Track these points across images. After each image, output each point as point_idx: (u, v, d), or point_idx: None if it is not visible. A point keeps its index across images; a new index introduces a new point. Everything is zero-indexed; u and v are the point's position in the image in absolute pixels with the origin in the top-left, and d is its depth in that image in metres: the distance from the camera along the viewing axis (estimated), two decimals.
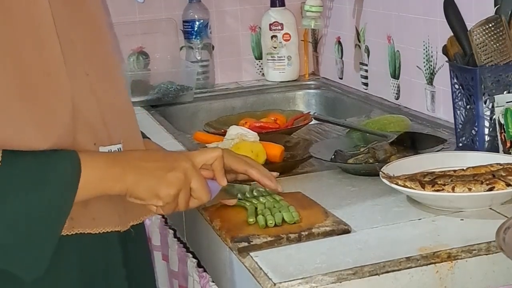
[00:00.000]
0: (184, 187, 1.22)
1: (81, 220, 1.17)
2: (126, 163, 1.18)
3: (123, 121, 1.26)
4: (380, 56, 2.36)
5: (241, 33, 2.82)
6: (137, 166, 1.19)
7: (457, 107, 1.70)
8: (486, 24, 1.62)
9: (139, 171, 1.18)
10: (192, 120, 2.53)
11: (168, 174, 1.20)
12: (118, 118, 1.24)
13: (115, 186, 1.16)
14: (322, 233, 1.30)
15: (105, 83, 1.23)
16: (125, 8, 2.69)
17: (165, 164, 1.21)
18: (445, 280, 1.22)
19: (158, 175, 1.19)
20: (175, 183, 1.20)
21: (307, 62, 2.82)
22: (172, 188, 1.20)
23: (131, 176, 1.17)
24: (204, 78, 2.72)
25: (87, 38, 1.20)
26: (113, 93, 1.24)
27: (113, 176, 1.16)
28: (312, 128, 2.11)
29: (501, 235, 1.13)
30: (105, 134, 1.20)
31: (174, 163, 1.22)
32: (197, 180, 1.23)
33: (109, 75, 1.25)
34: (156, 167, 1.20)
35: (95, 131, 1.18)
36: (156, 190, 1.19)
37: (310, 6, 2.54)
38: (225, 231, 1.35)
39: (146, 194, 1.19)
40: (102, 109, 1.20)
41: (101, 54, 1.24)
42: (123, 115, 1.27)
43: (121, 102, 1.27)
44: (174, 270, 1.72)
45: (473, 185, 1.37)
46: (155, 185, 1.19)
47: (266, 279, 1.18)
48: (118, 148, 1.22)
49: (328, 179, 1.62)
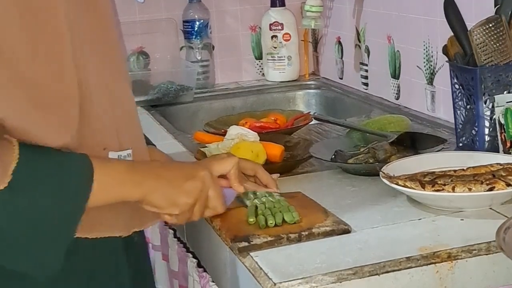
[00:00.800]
0: (201, 196, 1.22)
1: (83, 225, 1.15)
2: (146, 171, 1.19)
3: (133, 127, 1.27)
4: (380, 56, 2.36)
5: (241, 33, 2.82)
6: (156, 174, 1.19)
7: (457, 107, 1.70)
8: (486, 24, 1.62)
9: (157, 179, 1.19)
10: (192, 120, 2.53)
11: (186, 183, 1.21)
12: (129, 126, 1.25)
13: (134, 192, 1.16)
14: (322, 233, 1.30)
15: (121, 93, 1.24)
16: (125, 8, 2.69)
17: (184, 173, 1.22)
18: (445, 280, 1.22)
19: (177, 183, 1.20)
20: (193, 192, 1.21)
21: (307, 62, 2.82)
22: (190, 197, 1.21)
23: (150, 183, 1.17)
24: (204, 78, 2.73)
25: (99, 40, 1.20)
26: (126, 100, 1.25)
27: (132, 182, 1.16)
28: (312, 128, 2.11)
29: (501, 235, 1.13)
30: (115, 140, 1.20)
31: (192, 172, 1.23)
32: (214, 189, 1.24)
33: (124, 83, 1.26)
34: (174, 176, 1.21)
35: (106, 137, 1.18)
36: (174, 199, 1.19)
37: (310, 6, 2.54)
38: (225, 231, 1.35)
39: (164, 202, 1.19)
40: (116, 117, 1.20)
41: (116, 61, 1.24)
42: (133, 123, 1.27)
43: (131, 110, 1.28)
44: (174, 270, 1.72)
45: (473, 185, 1.37)
46: (173, 193, 1.19)
47: (266, 279, 1.18)
48: (128, 153, 1.22)
49: (328, 179, 1.62)
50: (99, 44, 1.20)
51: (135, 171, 1.17)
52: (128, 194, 1.16)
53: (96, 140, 1.16)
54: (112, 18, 1.25)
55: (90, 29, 1.18)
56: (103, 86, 1.18)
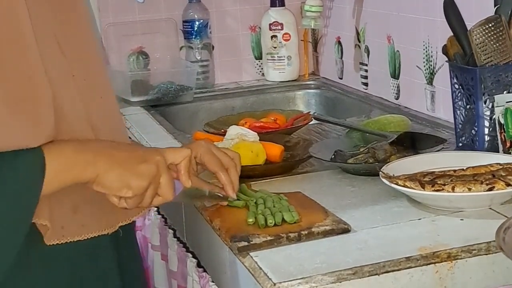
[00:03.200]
0: (154, 181, 1.18)
1: (71, 228, 1.15)
2: (97, 150, 1.14)
3: (110, 124, 1.24)
4: (380, 56, 2.36)
5: (241, 33, 2.82)
6: (108, 154, 1.15)
7: (457, 107, 1.70)
8: (486, 24, 1.62)
9: (110, 159, 1.14)
10: (192, 120, 2.53)
11: (140, 165, 1.16)
12: (105, 121, 1.22)
13: (85, 172, 1.12)
14: (321, 233, 1.30)
15: (92, 85, 1.20)
16: (125, 8, 2.69)
17: (138, 154, 1.18)
18: (445, 280, 1.22)
19: (131, 165, 1.15)
20: (147, 175, 1.16)
21: (307, 62, 2.82)
22: (144, 179, 1.16)
23: (102, 163, 1.13)
24: (204, 78, 2.72)
25: (73, 39, 1.18)
26: (99, 95, 1.23)
27: (82, 162, 1.12)
28: (312, 128, 2.11)
29: (501, 235, 1.12)
30: (91, 136, 1.18)
31: (146, 154, 1.19)
32: (166, 175, 1.19)
33: (96, 77, 1.23)
34: (128, 157, 1.16)
35: (81, 135, 1.16)
36: (127, 180, 1.15)
37: (310, 6, 2.54)
38: (225, 231, 1.35)
39: (117, 183, 1.15)
40: (89, 111, 1.18)
41: (87, 56, 1.22)
42: (110, 117, 1.25)
43: (108, 104, 1.25)
44: (173, 270, 1.72)
45: (473, 185, 1.37)
46: (127, 175, 1.15)
47: (266, 279, 1.18)
48: None
49: (328, 179, 1.62)
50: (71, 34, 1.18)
51: (85, 151, 1.13)
52: (79, 175, 1.12)
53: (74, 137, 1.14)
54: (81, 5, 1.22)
55: (59, 21, 1.16)
56: (67, 78, 1.15)
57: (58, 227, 1.14)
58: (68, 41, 1.17)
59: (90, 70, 1.22)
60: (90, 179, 1.13)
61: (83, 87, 1.18)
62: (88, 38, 1.23)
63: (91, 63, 1.23)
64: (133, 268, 1.32)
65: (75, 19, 1.20)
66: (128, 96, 2.51)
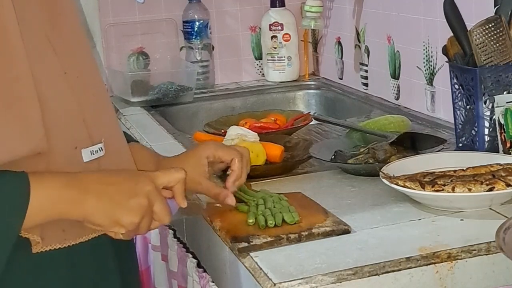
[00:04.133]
0: (147, 213, 1.15)
1: (72, 231, 1.15)
2: (84, 186, 1.11)
3: (103, 120, 1.23)
4: (380, 56, 2.36)
5: (241, 33, 2.82)
6: (95, 190, 1.11)
7: (457, 107, 1.70)
8: (486, 24, 1.62)
9: (98, 195, 1.11)
10: (192, 120, 2.53)
11: (130, 201, 1.13)
12: (98, 117, 1.21)
13: (72, 210, 1.10)
14: (322, 233, 1.30)
15: (84, 81, 1.20)
16: (125, 8, 2.69)
17: (127, 187, 1.14)
18: (445, 280, 1.22)
19: (120, 201, 1.12)
20: (138, 210, 1.13)
21: (307, 62, 2.82)
22: (135, 216, 1.13)
23: (90, 201, 1.10)
24: (204, 78, 2.72)
25: (64, 37, 1.18)
26: (92, 92, 1.22)
27: (68, 199, 1.09)
28: (312, 128, 2.11)
29: (501, 235, 1.13)
30: (85, 133, 1.17)
31: (136, 186, 1.14)
32: (160, 203, 1.16)
33: (88, 74, 1.22)
34: (116, 191, 1.12)
35: (75, 132, 1.15)
36: (117, 218, 1.12)
37: (310, 6, 2.54)
38: (225, 231, 1.35)
39: (107, 221, 1.12)
40: (82, 108, 1.17)
41: (79, 54, 1.22)
42: (103, 113, 1.24)
43: (100, 101, 1.24)
44: (173, 271, 1.72)
45: (473, 185, 1.37)
46: (117, 213, 1.12)
47: (266, 279, 1.18)
48: (100, 147, 1.18)
49: (328, 179, 1.62)
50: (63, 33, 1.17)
51: (72, 187, 1.10)
52: (66, 213, 1.10)
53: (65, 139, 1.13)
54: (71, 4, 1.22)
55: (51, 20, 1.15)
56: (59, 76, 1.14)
57: (59, 230, 1.14)
58: (59, 39, 1.16)
59: (82, 67, 1.21)
60: (78, 217, 1.11)
61: (75, 84, 1.17)
62: (79, 36, 1.23)
63: (83, 61, 1.22)
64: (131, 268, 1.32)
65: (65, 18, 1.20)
66: (128, 97, 2.51)
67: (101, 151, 1.19)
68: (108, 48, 2.68)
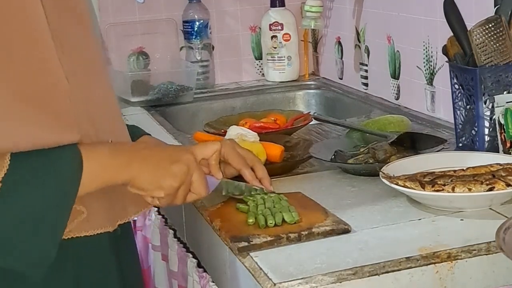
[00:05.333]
0: (186, 180, 1.22)
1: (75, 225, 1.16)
2: (131, 153, 1.19)
3: (111, 121, 1.25)
4: (380, 56, 2.36)
5: (241, 33, 2.82)
6: (141, 156, 1.19)
7: (457, 107, 1.70)
8: (486, 24, 1.62)
9: (143, 161, 1.19)
10: (192, 120, 2.53)
11: (172, 166, 1.21)
12: (106, 118, 1.23)
13: (120, 175, 1.16)
14: (322, 233, 1.30)
15: (93, 82, 1.22)
16: (125, 8, 2.69)
17: (169, 155, 1.22)
18: (445, 280, 1.22)
19: (162, 165, 1.20)
20: (179, 175, 1.21)
21: (307, 62, 2.82)
22: (176, 180, 1.21)
23: (136, 166, 1.17)
24: (204, 78, 2.72)
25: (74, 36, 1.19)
26: (100, 93, 1.24)
27: (118, 165, 1.16)
28: (312, 128, 2.11)
29: (501, 235, 1.13)
30: (92, 133, 1.18)
31: (177, 154, 1.23)
32: (199, 173, 1.24)
33: (96, 75, 1.24)
34: (159, 158, 1.21)
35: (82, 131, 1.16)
36: (159, 181, 1.19)
37: (310, 6, 2.54)
38: (225, 231, 1.35)
39: (150, 185, 1.19)
40: (90, 109, 1.19)
41: (88, 54, 1.23)
42: (111, 115, 1.26)
43: (108, 102, 1.26)
44: (173, 270, 1.72)
45: (473, 185, 1.37)
46: (160, 176, 1.19)
47: (266, 279, 1.18)
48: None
49: (328, 179, 1.62)
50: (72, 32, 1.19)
51: (120, 154, 1.17)
52: (115, 178, 1.16)
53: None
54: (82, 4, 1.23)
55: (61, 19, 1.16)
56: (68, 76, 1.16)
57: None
58: (68, 39, 1.17)
59: (91, 68, 1.22)
60: (125, 181, 1.17)
61: (84, 85, 1.18)
62: (88, 36, 1.24)
63: (92, 62, 1.23)
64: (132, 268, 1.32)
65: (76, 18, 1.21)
66: (128, 96, 2.51)
67: None
68: (108, 48, 2.68)
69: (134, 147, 1.22)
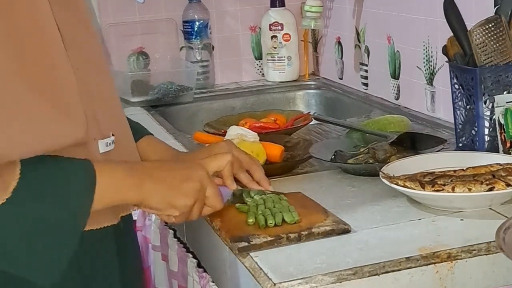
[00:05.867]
0: (200, 197, 1.23)
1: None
2: (143, 173, 1.18)
3: (113, 115, 1.26)
4: (380, 56, 2.36)
5: (241, 33, 2.82)
6: (153, 176, 1.19)
7: (457, 107, 1.70)
8: (486, 24, 1.62)
9: (155, 181, 1.18)
10: (192, 120, 2.53)
11: (184, 184, 1.21)
12: (108, 112, 1.24)
13: (132, 196, 1.16)
14: (322, 233, 1.30)
15: (94, 77, 1.22)
16: (125, 8, 2.69)
17: (181, 173, 1.22)
18: (445, 280, 1.22)
19: (174, 185, 1.20)
20: (191, 193, 1.21)
21: (307, 62, 2.82)
22: (189, 198, 1.21)
23: (148, 187, 1.17)
24: (204, 78, 2.73)
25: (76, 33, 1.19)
26: (102, 87, 1.24)
27: (130, 186, 1.16)
28: (312, 128, 2.11)
29: (501, 235, 1.13)
30: (95, 128, 1.18)
31: (189, 172, 1.23)
32: (212, 188, 1.25)
33: (98, 70, 1.24)
34: (171, 176, 1.21)
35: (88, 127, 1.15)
36: (172, 201, 1.20)
37: (310, 6, 2.54)
38: (225, 231, 1.35)
39: (162, 205, 1.19)
40: (93, 103, 1.19)
41: (90, 49, 1.23)
42: (113, 109, 1.26)
43: (110, 97, 1.26)
44: (173, 270, 1.72)
45: (473, 185, 1.37)
46: (172, 195, 1.20)
47: (266, 279, 1.18)
48: (112, 140, 1.21)
49: (328, 179, 1.62)
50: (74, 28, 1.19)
51: (132, 174, 1.17)
52: (126, 198, 1.16)
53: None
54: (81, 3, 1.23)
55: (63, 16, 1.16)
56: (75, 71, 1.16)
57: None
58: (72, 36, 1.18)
59: (94, 65, 1.23)
60: (136, 202, 1.18)
61: (87, 81, 1.19)
62: (90, 34, 1.24)
63: (94, 59, 1.24)
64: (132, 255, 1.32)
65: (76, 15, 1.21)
66: (128, 97, 2.51)
67: (113, 144, 1.21)
68: (108, 48, 2.68)
69: (145, 167, 1.21)
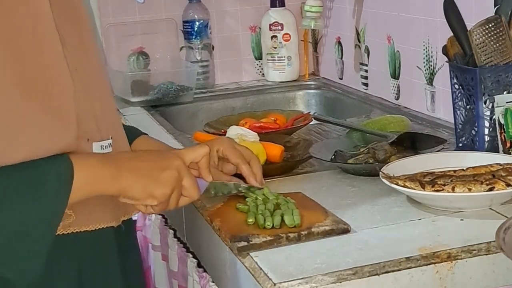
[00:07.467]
0: (177, 186, 1.22)
1: (77, 218, 1.17)
2: (120, 163, 1.18)
3: (110, 116, 1.26)
4: (380, 56, 2.36)
5: (241, 33, 2.82)
6: (131, 166, 1.18)
7: (457, 107, 1.70)
8: (486, 24, 1.62)
9: (133, 171, 1.18)
10: (192, 120, 2.53)
11: (162, 174, 1.20)
12: (106, 113, 1.24)
13: (110, 186, 1.16)
14: (321, 233, 1.30)
15: (93, 79, 1.22)
16: (125, 8, 2.69)
17: (158, 163, 1.22)
18: (445, 280, 1.23)
19: (153, 174, 1.20)
20: (169, 182, 1.21)
21: (307, 62, 2.82)
22: (167, 187, 1.21)
23: (126, 176, 1.17)
24: (204, 78, 2.73)
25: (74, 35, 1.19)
26: (100, 89, 1.25)
27: (107, 176, 1.15)
28: (312, 128, 2.11)
29: (501, 235, 1.13)
30: (95, 129, 1.19)
31: (166, 161, 1.22)
32: (189, 177, 1.24)
33: (96, 71, 1.25)
34: (149, 167, 1.20)
35: (86, 127, 1.17)
36: (151, 190, 1.19)
37: (310, 6, 2.54)
38: (224, 231, 1.35)
39: (141, 194, 1.19)
40: (92, 104, 1.20)
41: (88, 51, 1.23)
42: (110, 110, 1.27)
43: (107, 98, 1.27)
44: (173, 270, 1.72)
45: (473, 185, 1.37)
46: (150, 185, 1.19)
47: (266, 279, 1.18)
48: (109, 143, 1.22)
49: (328, 179, 1.62)
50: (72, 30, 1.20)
51: (109, 165, 1.16)
52: (105, 189, 1.16)
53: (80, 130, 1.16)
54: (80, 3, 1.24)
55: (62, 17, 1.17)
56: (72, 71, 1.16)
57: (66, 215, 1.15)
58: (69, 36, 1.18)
59: (91, 65, 1.23)
60: (114, 193, 1.17)
61: (85, 81, 1.19)
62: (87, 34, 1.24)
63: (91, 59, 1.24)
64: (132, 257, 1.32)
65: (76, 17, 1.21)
66: (128, 97, 2.51)
67: (110, 147, 1.22)
68: (108, 48, 2.68)
69: (123, 157, 1.21)
